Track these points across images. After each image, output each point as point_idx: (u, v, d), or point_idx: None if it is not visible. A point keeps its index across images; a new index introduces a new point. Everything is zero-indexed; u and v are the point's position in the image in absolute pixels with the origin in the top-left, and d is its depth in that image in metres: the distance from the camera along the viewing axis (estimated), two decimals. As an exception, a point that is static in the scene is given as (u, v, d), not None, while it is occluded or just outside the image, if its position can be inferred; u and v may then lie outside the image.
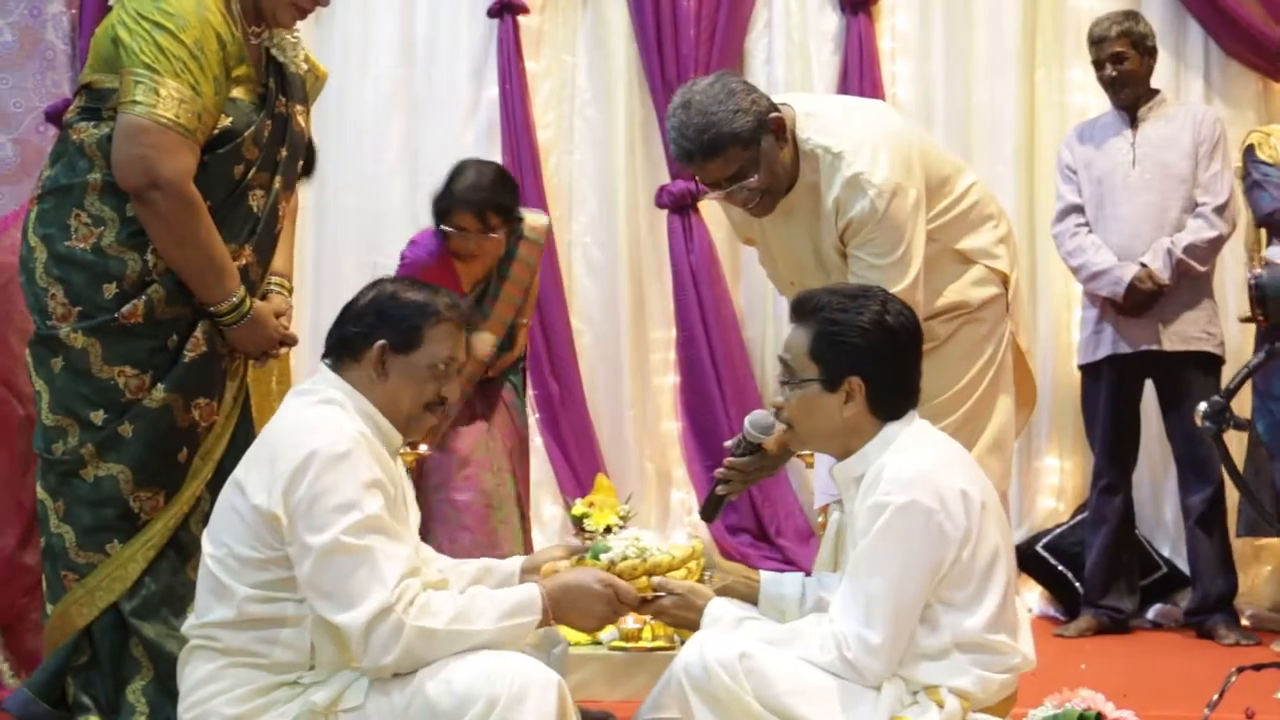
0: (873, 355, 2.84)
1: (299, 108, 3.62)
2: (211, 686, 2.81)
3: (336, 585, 2.70)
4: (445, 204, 4.59)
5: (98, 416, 3.38)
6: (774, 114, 3.31)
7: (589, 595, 2.86)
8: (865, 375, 2.84)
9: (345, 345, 2.93)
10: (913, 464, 2.80)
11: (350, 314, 2.96)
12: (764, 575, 3.09)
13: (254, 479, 2.80)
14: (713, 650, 2.74)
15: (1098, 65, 5.23)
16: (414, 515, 3.07)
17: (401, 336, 2.90)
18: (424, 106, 6.38)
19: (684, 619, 2.93)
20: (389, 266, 4.52)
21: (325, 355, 2.97)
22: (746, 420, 3.34)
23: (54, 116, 5.91)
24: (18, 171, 5.95)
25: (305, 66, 3.67)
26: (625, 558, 2.93)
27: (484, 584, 3.04)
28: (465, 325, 3.00)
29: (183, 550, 3.45)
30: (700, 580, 2.99)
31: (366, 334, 2.91)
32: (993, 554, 2.81)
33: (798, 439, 2.95)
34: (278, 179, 3.55)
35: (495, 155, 6.21)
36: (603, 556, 2.96)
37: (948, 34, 6.12)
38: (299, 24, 3.59)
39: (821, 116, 3.41)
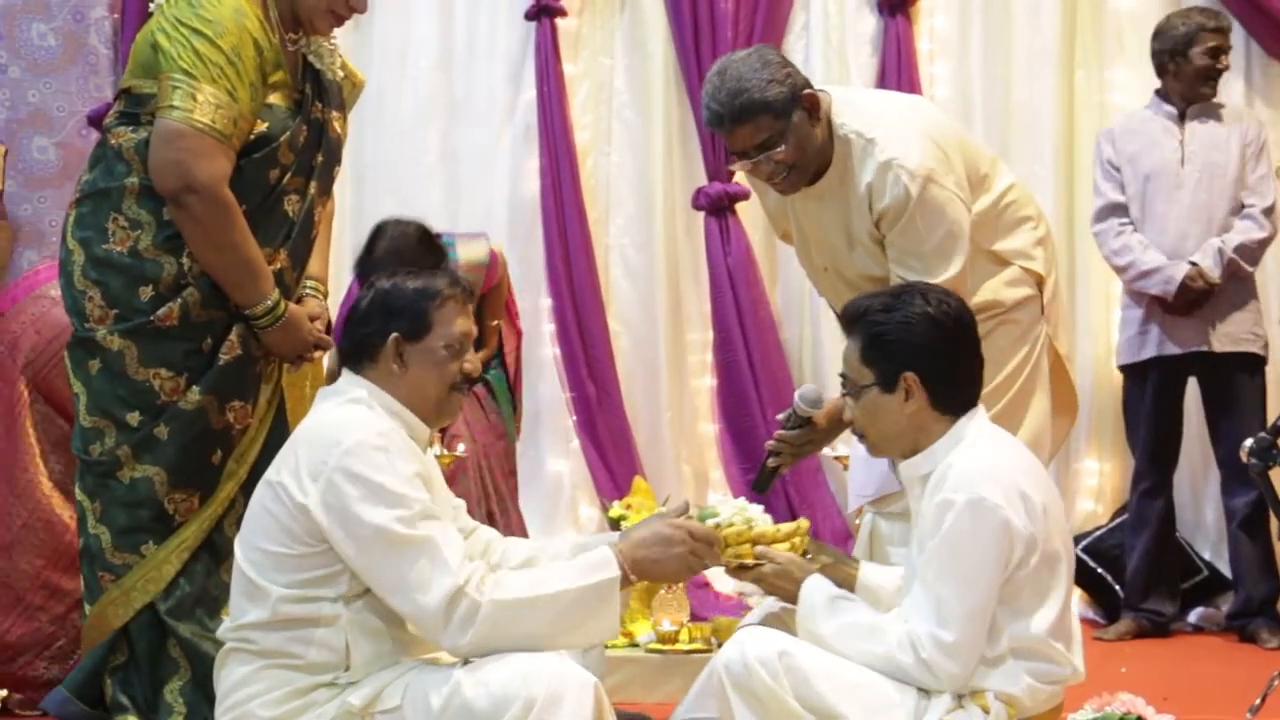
0: (922, 349, 2.84)
1: (335, 114, 3.64)
2: (248, 689, 2.81)
3: (401, 577, 2.72)
4: (365, 270, 4.48)
5: (134, 418, 3.41)
6: (808, 90, 3.32)
7: (662, 540, 2.83)
8: (919, 369, 2.83)
9: (360, 348, 2.95)
10: (978, 461, 2.80)
11: (356, 318, 2.98)
12: (864, 564, 3.08)
13: (289, 477, 2.81)
14: (753, 648, 2.75)
15: (1212, 54, 5.14)
16: (456, 502, 3.08)
17: (411, 324, 2.92)
18: (462, 109, 6.39)
19: (782, 589, 2.93)
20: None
21: (343, 362, 2.99)
22: (796, 394, 3.40)
23: (96, 120, 5.95)
24: (60, 175, 5.99)
25: (342, 74, 3.69)
26: (731, 524, 2.94)
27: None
28: (469, 299, 3.01)
29: (217, 552, 3.47)
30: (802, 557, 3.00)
31: (378, 331, 2.92)
32: (1054, 559, 2.79)
33: (871, 446, 2.95)
34: (313, 184, 3.57)
35: (533, 157, 6.25)
36: (709, 521, 2.96)
37: (986, 35, 6.09)
38: (336, 30, 3.61)
39: (858, 104, 3.42)
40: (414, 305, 2.93)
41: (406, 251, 4.39)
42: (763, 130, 3.29)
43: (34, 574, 3.99)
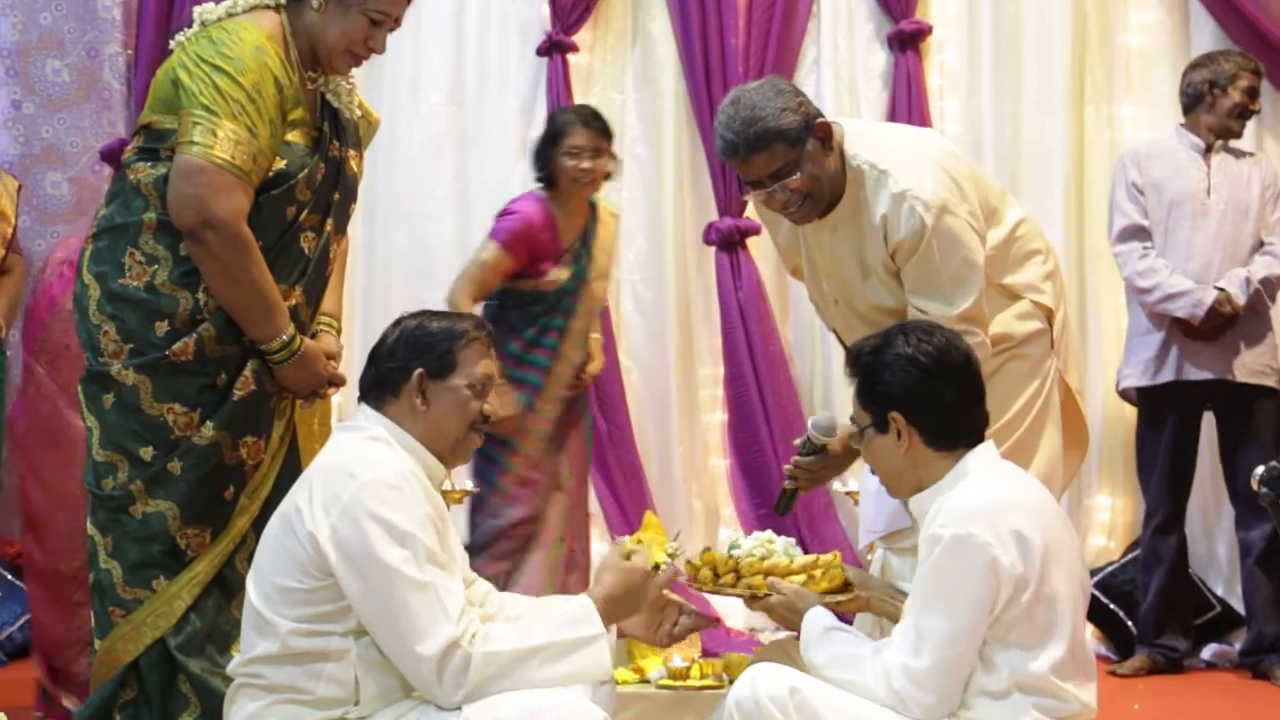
0: (903, 389, 2.88)
1: (352, 152, 3.66)
2: (259, 725, 2.82)
3: (400, 620, 2.71)
4: (561, 125, 4.91)
5: (147, 453, 3.41)
6: (820, 119, 3.34)
7: (631, 586, 2.89)
8: (903, 410, 2.87)
9: (383, 383, 2.97)
10: (973, 497, 2.80)
11: (382, 352, 3.01)
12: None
13: (303, 511, 2.81)
14: (764, 684, 2.77)
15: (1250, 94, 5.17)
16: (461, 552, 3.08)
17: (436, 362, 2.95)
18: (474, 144, 6.41)
19: (787, 620, 3.00)
20: (440, 305, 4.53)
21: (362, 398, 3.01)
22: (810, 421, 3.47)
23: (109, 156, 5.98)
24: (73, 210, 6.01)
25: (359, 113, 3.71)
26: (750, 555, 3.05)
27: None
28: (493, 343, 3.05)
29: (228, 588, 3.47)
30: (843, 590, 3.07)
31: (402, 366, 2.95)
32: (1053, 599, 2.78)
33: (888, 488, 3.00)
34: (329, 221, 3.59)
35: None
36: (733, 552, 3.09)
37: (996, 70, 6.12)
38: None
39: (870, 135, 3.44)
40: (440, 344, 2.96)
41: (596, 113, 5.06)
42: (777, 159, 3.30)
43: (72, 574, 4.08)
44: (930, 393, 2.88)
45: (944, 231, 3.27)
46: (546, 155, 4.95)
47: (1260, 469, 3.23)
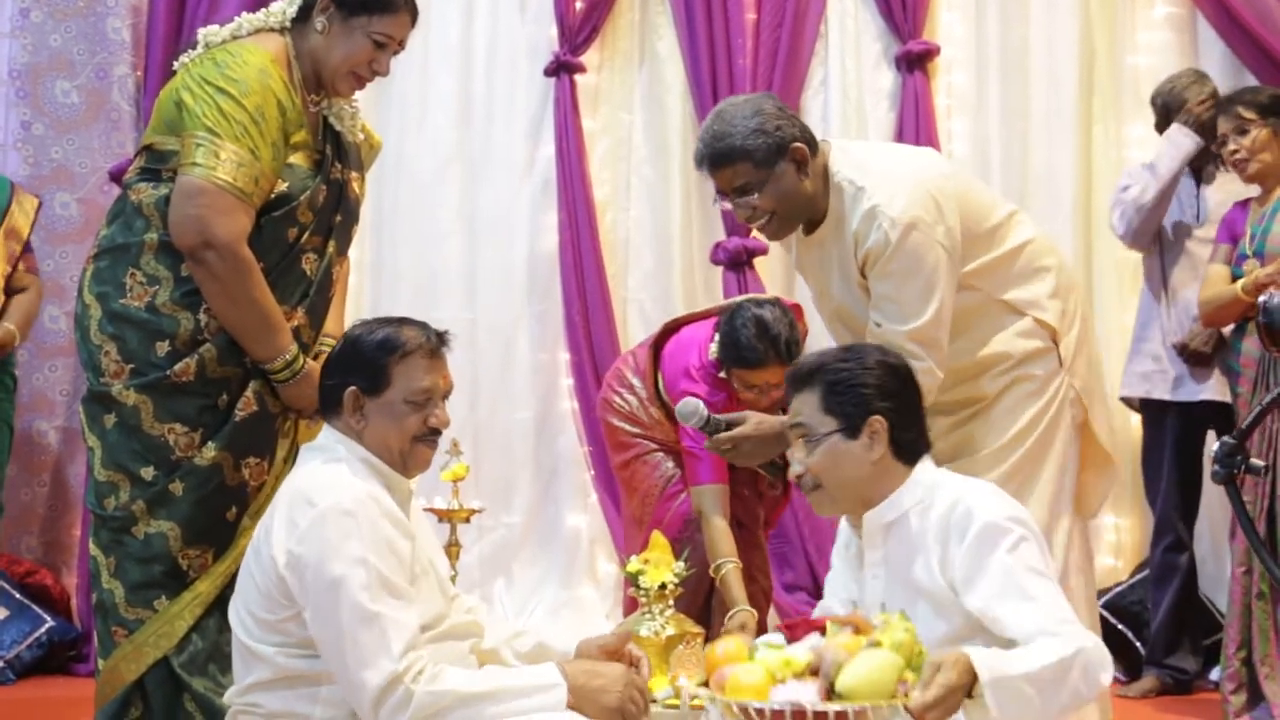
0: (886, 395, 2.85)
1: (354, 174, 3.67)
2: (257, 750, 2.81)
3: (343, 650, 2.69)
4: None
5: (148, 473, 3.42)
6: (797, 144, 3.35)
7: (608, 694, 2.76)
8: (884, 415, 2.83)
9: (327, 399, 2.96)
10: (994, 492, 2.81)
11: (326, 367, 2.99)
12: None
13: (266, 538, 2.81)
14: None
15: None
16: (441, 566, 3.05)
17: (369, 380, 2.91)
18: (481, 165, 6.42)
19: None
20: (446, 325, 4.51)
21: (319, 412, 3.00)
22: (678, 411, 3.57)
23: (118, 176, 5.99)
24: (82, 230, 6.03)
25: (361, 136, 3.72)
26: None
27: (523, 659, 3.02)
28: (439, 348, 2.97)
29: (229, 607, 3.47)
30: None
31: (339, 383, 2.93)
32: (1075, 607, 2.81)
33: (827, 498, 2.89)
34: (331, 243, 3.60)
35: (552, 212, 6.27)
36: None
37: (1004, 91, 6.11)
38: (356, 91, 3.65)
39: (855, 153, 3.46)
40: (374, 360, 2.91)
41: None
42: (740, 176, 3.36)
43: None
44: (906, 401, 2.88)
45: (908, 249, 3.28)
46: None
47: (1215, 445, 3.19)
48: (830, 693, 2.46)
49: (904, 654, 2.56)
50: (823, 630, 2.65)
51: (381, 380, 2.90)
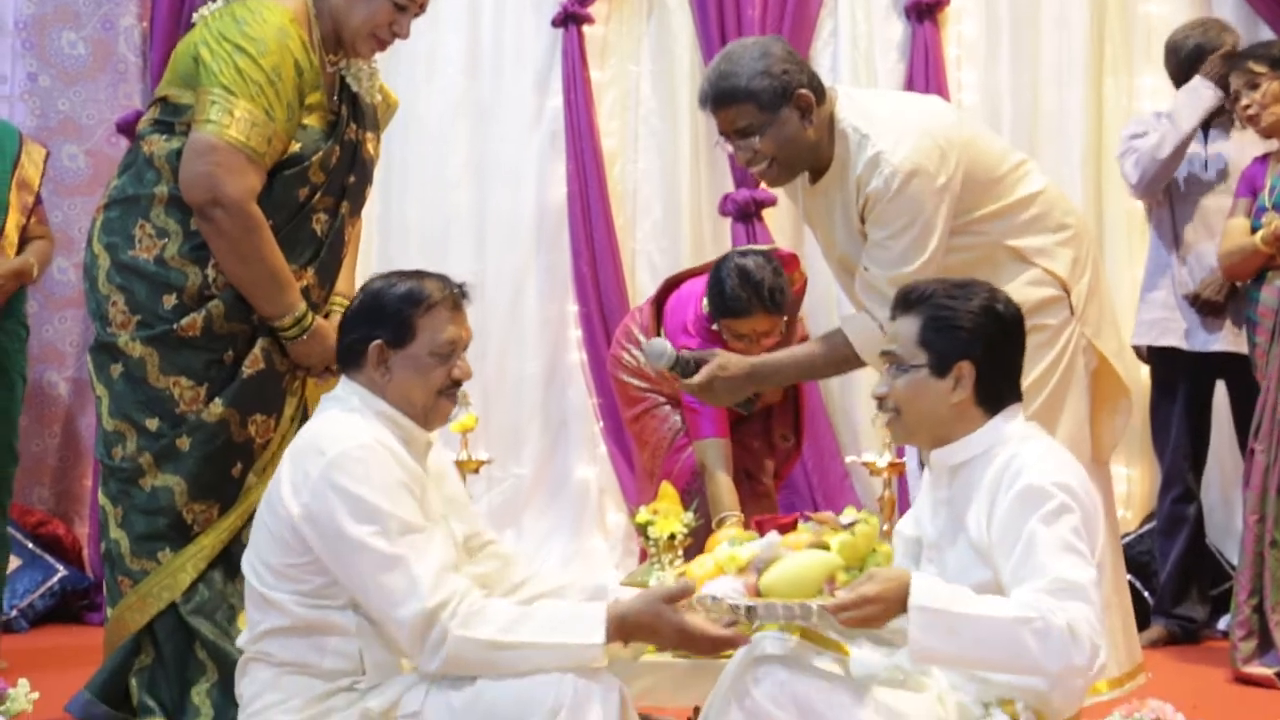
0: (982, 341, 2.80)
1: (369, 135, 3.67)
2: (269, 697, 2.82)
3: (375, 593, 2.70)
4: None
5: (153, 424, 3.44)
6: (802, 90, 3.34)
7: (653, 628, 2.73)
8: (975, 361, 2.80)
9: (348, 353, 2.94)
10: (1052, 453, 2.77)
11: (346, 321, 2.97)
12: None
13: (279, 490, 2.81)
14: (760, 684, 2.67)
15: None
16: (463, 515, 3.05)
17: (395, 331, 2.88)
18: (489, 116, 6.40)
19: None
20: (455, 276, 4.52)
21: (337, 364, 2.99)
22: (646, 352, 3.56)
23: (125, 128, 5.98)
24: (90, 182, 6.03)
25: (380, 97, 3.71)
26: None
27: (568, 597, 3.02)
28: (462, 300, 2.95)
29: (233, 563, 3.49)
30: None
31: (362, 337, 2.90)
32: (1103, 558, 2.78)
33: (903, 427, 2.88)
34: (344, 204, 3.60)
35: (560, 163, 6.26)
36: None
37: (1014, 41, 6.07)
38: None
39: (861, 101, 3.46)
40: (400, 311, 2.89)
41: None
42: (743, 117, 3.35)
43: None
44: (1003, 351, 2.85)
45: (907, 196, 3.29)
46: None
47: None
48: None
49: (848, 555, 2.67)
50: (788, 528, 2.82)
51: (406, 333, 2.88)
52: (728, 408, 3.80)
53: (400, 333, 2.88)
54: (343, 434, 2.80)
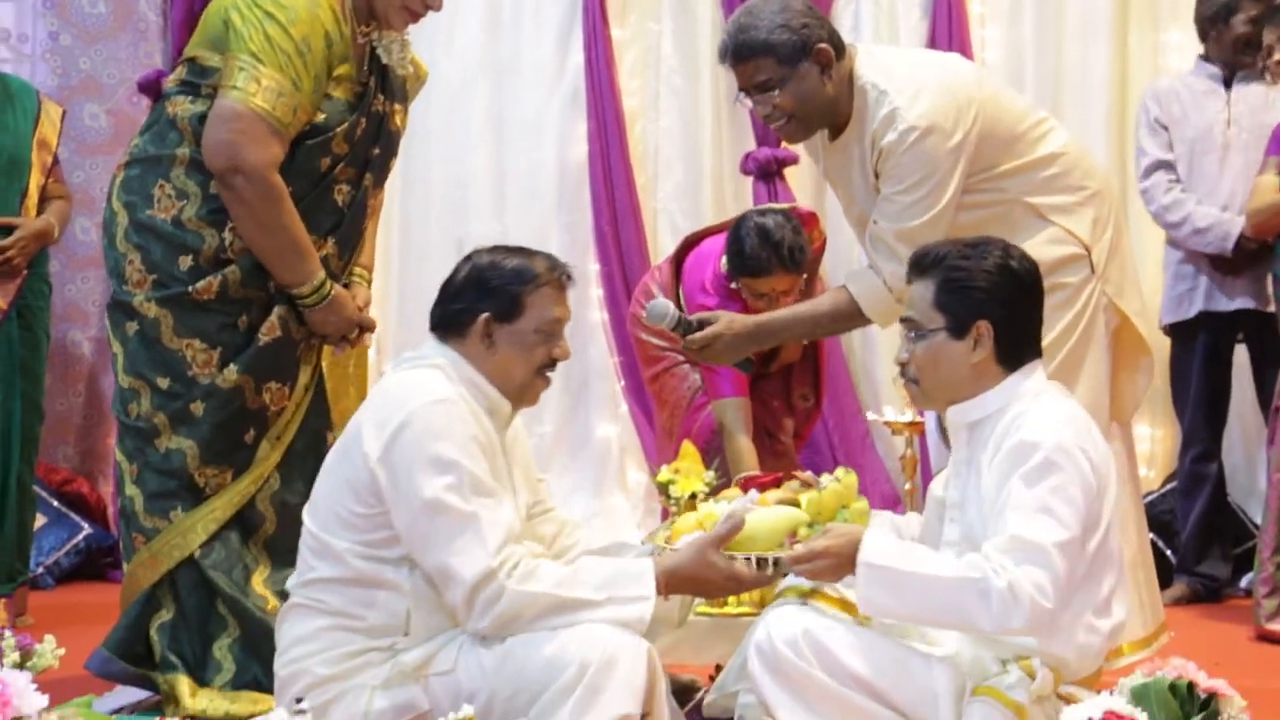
0: (999, 300, 2.81)
1: (397, 107, 3.66)
2: (307, 646, 2.86)
3: (440, 547, 2.74)
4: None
5: (164, 382, 3.45)
6: (822, 45, 3.34)
7: (701, 579, 2.83)
8: (992, 320, 2.80)
9: (450, 321, 2.96)
10: (1054, 411, 2.76)
11: (450, 290, 2.98)
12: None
13: (359, 435, 2.84)
14: (779, 630, 2.74)
15: (1253, 23, 5.04)
16: (529, 481, 3.08)
17: (503, 306, 2.92)
18: (510, 74, 6.37)
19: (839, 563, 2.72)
20: (476, 236, 4.53)
21: (432, 329, 3.00)
22: (648, 313, 3.55)
23: (147, 87, 5.98)
24: (112, 141, 6.03)
25: (411, 69, 3.70)
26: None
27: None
28: (568, 281, 3.01)
29: (247, 526, 3.52)
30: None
31: (469, 308, 2.93)
32: (1110, 520, 2.77)
33: (923, 393, 2.90)
34: (368, 175, 3.60)
35: (581, 122, 6.23)
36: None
37: (1039, -3, 6.04)
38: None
39: (882, 58, 3.45)
40: (509, 286, 2.93)
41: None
42: (763, 72, 3.35)
43: None
44: (1020, 308, 2.85)
45: (921, 152, 3.29)
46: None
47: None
48: None
49: (814, 511, 2.88)
50: (769, 486, 3.01)
51: (515, 309, 2.92)
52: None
53: (509, 308, 2.92)
54: (427, 388, 2.83)
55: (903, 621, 2.75)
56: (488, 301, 2.92)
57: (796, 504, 2.94)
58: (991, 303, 2.81)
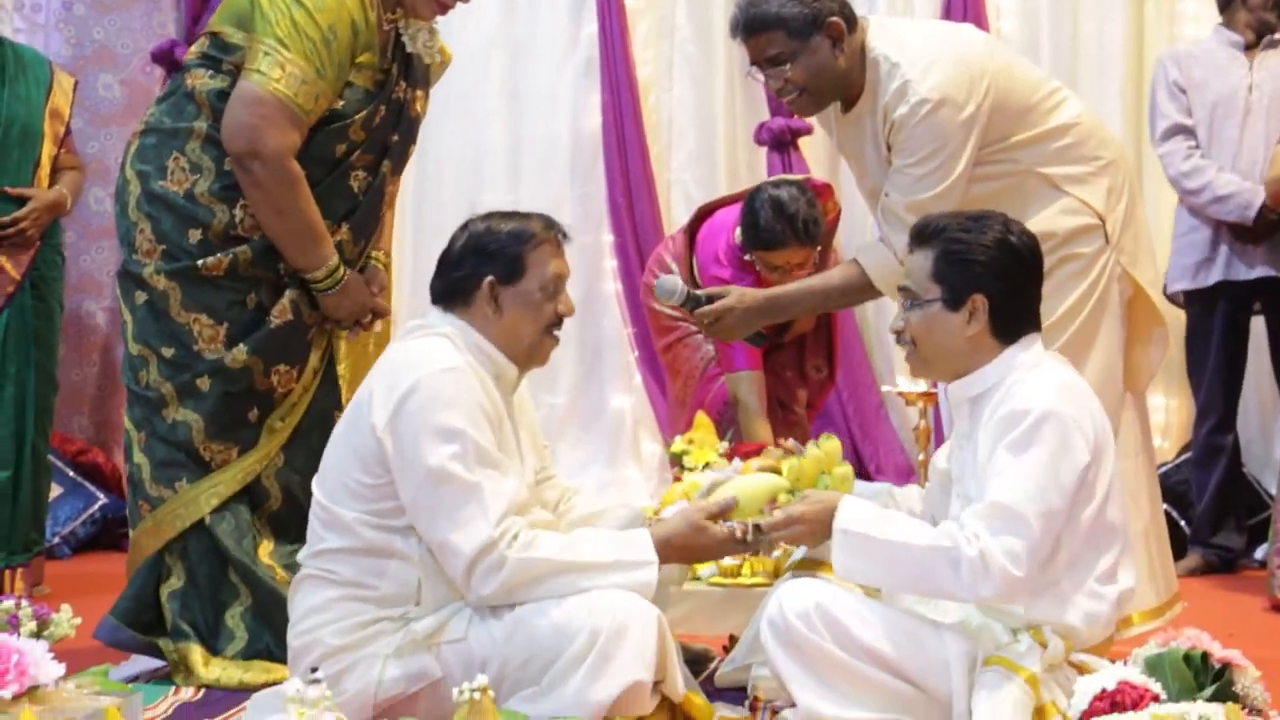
0: (996, 274, 2.81)
1: (419, 93, 3.66)
2: (320, 616, 2.87)
3: (442, 516, 2.75)
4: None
5: (170, 353, 3.46)
6: (833, 18, 3.33)
7: (696, 546, 2.89)
8: (989, 294, 2.80)
9: (453, 290, 2.97)
10: (1047, 380, 2.76)
11: (450, 259, 2.99)
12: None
13: (366, 402, 2.85)
14: (790, 603, 2.75)
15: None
16: (536, 448, 3.09)
17: (506, 268, 2.93)
18: (524, 44, 6.37)
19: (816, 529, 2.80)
20: (490, 208, 4.52)
21: (435, 301, 3.00)
22: (657, 290, 3.56)
23: (160, 57, 5.98)
24: (126, 112, 6.03)
25: (439, 58, 3.69)
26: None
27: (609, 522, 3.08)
28: (563, 239, 3.02)
29: (254, 499, 3.53)
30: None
31: (472, 274, 2.94)
32: (1108, 490, 2.77)
33: (920, 360, 2.91)
34: (386, 162, 3.60)
35: (595, 92, 6.23)
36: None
37: (1054, -36, 6.00)
38: None
39: (895, 30, 3.43)
40: (508, 248, 2.94)
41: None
42: (774, 45, 3.34)
43: None
44: (1017, 282, 2.85)
45: (933, 124, 3.27)
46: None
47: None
48: None
49: (794, 478, 2.95)
50: (753, 455, 3.16)
51: (517, 269, 2.94)
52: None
53: (511, 269, 2.93)
54: (435, 356, 2.85)
55: (878, 586, 2.79)
56: (490, 265, 2.93)
57: (778, 471, 3.00)
58: (988, 276, 2.81)
